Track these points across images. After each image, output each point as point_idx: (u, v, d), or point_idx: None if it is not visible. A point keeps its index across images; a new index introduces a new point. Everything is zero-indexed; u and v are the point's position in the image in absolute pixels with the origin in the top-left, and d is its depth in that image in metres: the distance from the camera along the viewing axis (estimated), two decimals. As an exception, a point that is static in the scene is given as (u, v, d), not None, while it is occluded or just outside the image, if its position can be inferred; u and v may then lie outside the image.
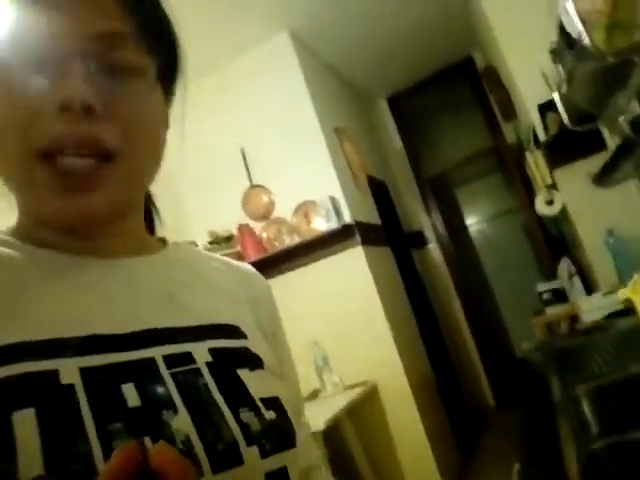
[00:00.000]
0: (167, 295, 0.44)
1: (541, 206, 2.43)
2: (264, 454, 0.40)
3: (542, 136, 2.26)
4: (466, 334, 3.79)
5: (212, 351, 0.42)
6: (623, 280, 1.74)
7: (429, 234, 3.95)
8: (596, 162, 1.86)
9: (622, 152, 1.30)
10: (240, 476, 0.38)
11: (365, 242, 2.58)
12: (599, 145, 1.99)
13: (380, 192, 3.30)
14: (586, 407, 1.04)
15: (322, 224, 2.54)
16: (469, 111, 3.93)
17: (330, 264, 2.56)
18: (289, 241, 2.61)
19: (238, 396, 0.41)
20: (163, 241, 0.51)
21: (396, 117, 4.05)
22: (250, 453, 0.39)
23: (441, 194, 4.14)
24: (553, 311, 2.31)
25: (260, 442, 0.40)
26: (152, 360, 0.38)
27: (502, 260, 4.41)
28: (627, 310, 1.51)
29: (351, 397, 2.24)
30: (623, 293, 1.26)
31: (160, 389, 0.37)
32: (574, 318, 2.01)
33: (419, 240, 3.86)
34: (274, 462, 0.41)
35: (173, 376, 0.38)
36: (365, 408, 2.44)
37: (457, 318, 3.80)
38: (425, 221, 3.96)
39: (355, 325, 2.53)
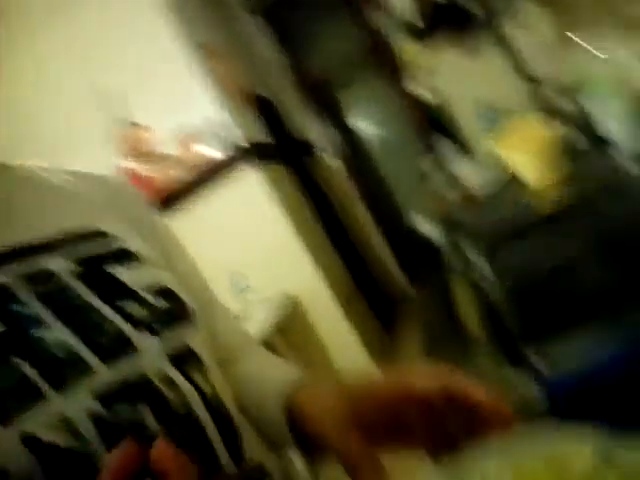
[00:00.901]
0: (6, 214, 0.41)
1: (418, 90, 2.49)
2: (159, 335, 0.39)
3: (412, 18, 2.25)
4: (371, 229, 3.96)
5: (76, 259, 0.40)
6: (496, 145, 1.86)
7: (322, 143, 3.94)
8: (465, 37, 1.90)
9: (483, 15, 1.32)
10: (140, 363, 0.37)
11: (258, 161, 2.52)
12: (468, 20, 2.03)
13: (265, 108, 3.19)
14: (480, 263, 1.13)
15: (209, 151, 2.43)
16: (340, 8, 3.81)
17: (228, 190, 2.49)
18: (179, 176, 2.47)
19: (117, 293, 0.40)
20: None
21: (268, 27, 3.84)
22: (142, 338, 0.38)
23: (326, 100, 4.10)
24: (443, 188, 2.45)
25: (150, 326, 0.40)
26: (4, 285, 0.35)
27: (394, 154, 4.56)
28: (504, 170, 1.64)
29: (277, 315, 2.29)
30: (492, 149, 1.34)
31: (24, 310, 0.35)
32: (463, 192, 2.15)
33: (313, 151, 3.85)
34: (172, 341, 0.41)
35: (37, 294, 0.36)
36: (294, 323, 2.51)
37: (361, 217, 3.94)
38: (315, 131, 3.93)
39: (268, 245, 2.53)
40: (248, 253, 2.52)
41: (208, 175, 2.44)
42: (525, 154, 1.24)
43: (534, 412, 0.53)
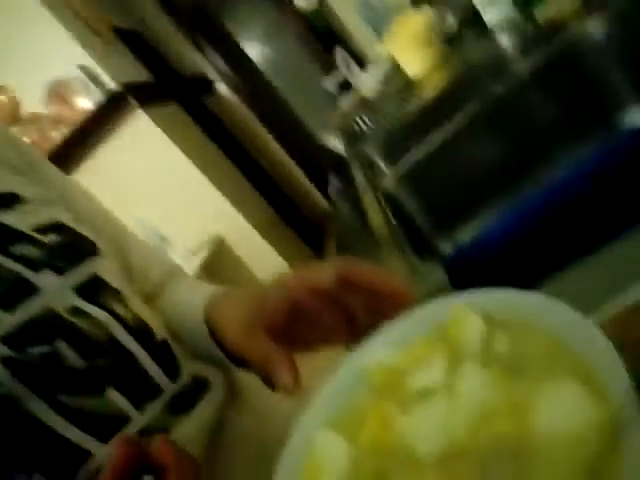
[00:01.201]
0: None
1: (299, 1, 2.36)
2: (60, 272, 0.39)
3: None
4: (282, 156, 3.90)
5: None
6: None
7: (212, 74, 3.71)
8: None
9: None
10: (44, 302, 0.37)
11: (144, 104, 2.32)
12: None
13: (138, 43, 2.90)
14: (380, 165, 1.14)
15: (86, 102, 2.20)
16: None
17: (118, 140, 2.29)
18: (59, 135, 2.24)
19: (6, 239, 0.39)
20: None
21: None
22: (43, 278, 0.38)
23: (208, 26, 3.80)
24: (345, 102, 2.42)
25: (51, 264, 0.39)
26: None
27: (290, 73, 4.41)
28: (394, 68, 1.62)
29: (202, 258, 2.24)
30: (381, 49, 1.31)
31: None
32: (360, 98, 2.13)
33: (204, 84, 3.62)
34: (78, 275, 0.40)
35: None
36: (221, 263, 2.47)
37: (269, 144, 3.85)
38: (203, 62, 3.68)
39: (177, 191, 2.41)
40: (159, 201, 2.39)
41: (91, 128, 2.23)
42: (410, 48, 1.23)
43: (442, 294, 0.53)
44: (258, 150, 3.63)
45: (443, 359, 0.27)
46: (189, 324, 0.47)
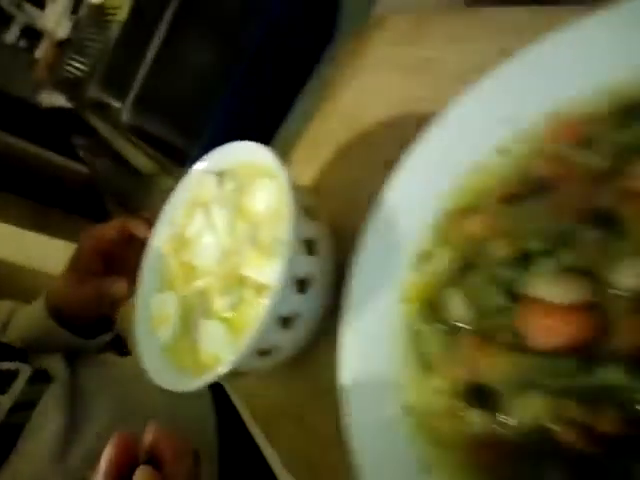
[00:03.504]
0: None
1: None
2: None
3: None
4: (12, 140, 3.37)
5: None
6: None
7: None
8: None
9: None
10: None
11: None
12: None
13: None
14: (103, 96, 1.10)
15: None
16: None
17: None
18: None
19: None
20: None
21: None
22: None
23: None
24: (41, 51, 2.15)
25: None
26: None
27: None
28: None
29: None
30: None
31: None
32: (52, 41, 1.91)
33: None
34: None
35: None
36: (7, 280, 2.19)
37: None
38: None
39: None
40: None
41: None
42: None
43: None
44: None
45: (201, 212, 0.39)
46: (37, 324, 0.56)
